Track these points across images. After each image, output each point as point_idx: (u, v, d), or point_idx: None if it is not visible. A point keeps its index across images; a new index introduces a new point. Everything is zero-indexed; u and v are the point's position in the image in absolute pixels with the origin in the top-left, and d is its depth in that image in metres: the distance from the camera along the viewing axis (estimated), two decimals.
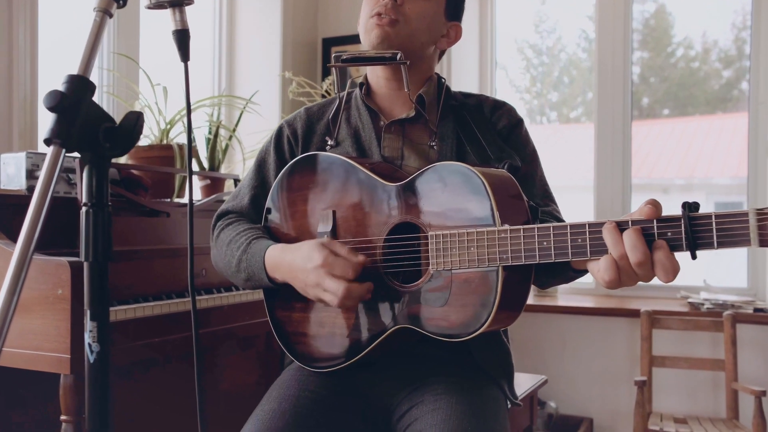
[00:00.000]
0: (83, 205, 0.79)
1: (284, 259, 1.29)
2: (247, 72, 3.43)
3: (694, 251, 0.97)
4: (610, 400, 3.26)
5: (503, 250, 1.11)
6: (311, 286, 1.23)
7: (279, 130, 1.50)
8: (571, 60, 4.00)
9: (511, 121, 1.45)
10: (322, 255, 1.21)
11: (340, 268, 1.20)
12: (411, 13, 1.38)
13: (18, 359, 1.51)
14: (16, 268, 0.68)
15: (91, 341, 0.79)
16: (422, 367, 1.37)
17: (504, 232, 1.11)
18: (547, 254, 1.07)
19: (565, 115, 4.09)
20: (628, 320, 3.21)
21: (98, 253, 0.79)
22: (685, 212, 0.97)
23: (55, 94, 0.73)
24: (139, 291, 1.73)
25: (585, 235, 1.05)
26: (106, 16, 0.80)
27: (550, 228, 1.07)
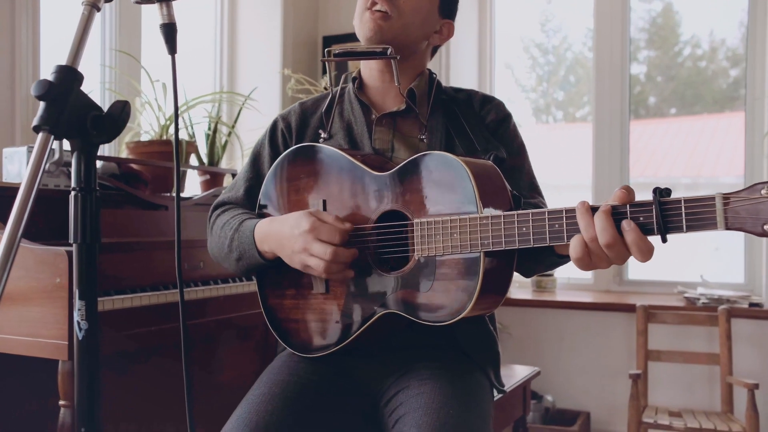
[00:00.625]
0: (72, 189, 0.83)
1: (272, 229, 1.33)
2: (248, 69, 3.47)
3: (664, 235, 1.01)
4: (607, 394, 3.29)
5: (485, 236, 1.14)
6: (297, 252, 1.27)
7: (274, 124, 1.55)
8: (577, 59, 4.01)
9: (499, 116, 1.48)
10: (309, 221, 1.26)
11: (326, 233, 1.25)
12: (405, 7, 1.41)
13: (17, 346, 1.55)
14: (4, 252, 0.72)
15: (80, 319, 0.82)
16: (410, 353, 1.41)
17: (485, 219, 1.14)
18: (526, 239, 1.12)
19: (571, 114, 4.11)
20: (624, 315, 3.23)
21: (86, 235, 0.82)
22: (656, 197, 1.01)
23: (44, 83, 0.77)
24: (137, 282, 1.77)
25: (562, 220, 1.09)
26: (94, 9, 0.84)
27: (529, 214, 1.11)
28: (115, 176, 2.10)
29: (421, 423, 1.20)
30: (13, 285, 1.55)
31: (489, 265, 1.17)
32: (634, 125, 3.69)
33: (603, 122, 3.62)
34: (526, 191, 1.44)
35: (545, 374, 3.34)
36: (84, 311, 0.82)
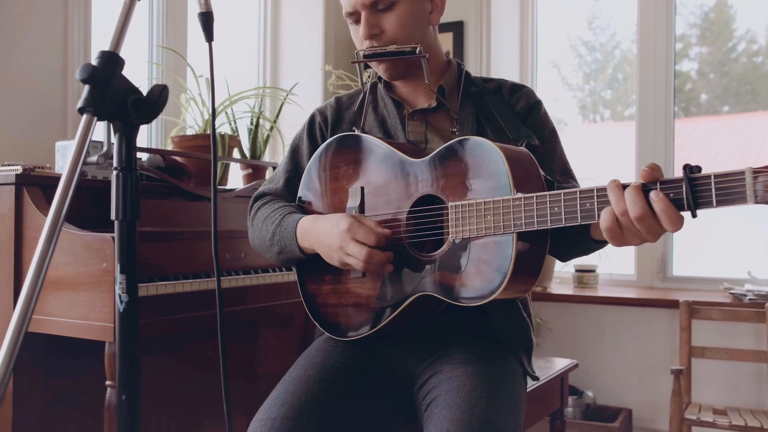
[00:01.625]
0: (114, 168, 0.87)
1: (314, 227, 1.38)
2: (290, 65, 3.53)
3: (694, 210, 1.01)
4: (650, 391, 3.24)
5: (517, 217, 1.16)
6: (335, 249, 1.31)
7: (311, 118, 1.59)
8: (625, 56, 3.96)
9: (528, 102, 1.49)
10: (348, 221, 1.30)
11: (362, 234, 1.28)
12: (393, 29, 1.42)
13: (68, 328, 1.62)
14: (48, 231, 0.76)
15: (121, 292, 0.87)
16: (443, 339, 1.43)
17: (518, 200, 1.17)
18: (557, 219, 1.13)
19: (620, 113, 4.06)
20: (667, 311, 3.18)
21: (127, 212, 0.87)
22: (686, 173, 1.02)
23: (88, 68, 0.81)
24: (180, 270, 1.83)
25: (593, 199, 1.11)
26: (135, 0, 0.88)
27: (560, 194, 1.13)
28: (160, 168, 2.17)
29: (452, 404, 1.22)
30: (62, 270, 1.62)
31: (522, 246, 1.19)
32: (685, 123, 3.62)
33: (647, 120, 3.57)
34: (560, 176, 1.45)
35: (586, 370, 3.32)
36: (125, 284, 0.87)
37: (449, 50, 3.47)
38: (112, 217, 0.88)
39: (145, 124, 0.86)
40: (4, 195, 1.73)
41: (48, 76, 2.30)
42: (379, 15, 1.41)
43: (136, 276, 0.87)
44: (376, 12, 1.41)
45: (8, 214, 1.72)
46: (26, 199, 1.71)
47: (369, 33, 1.41)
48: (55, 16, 2.32)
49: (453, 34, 3.62)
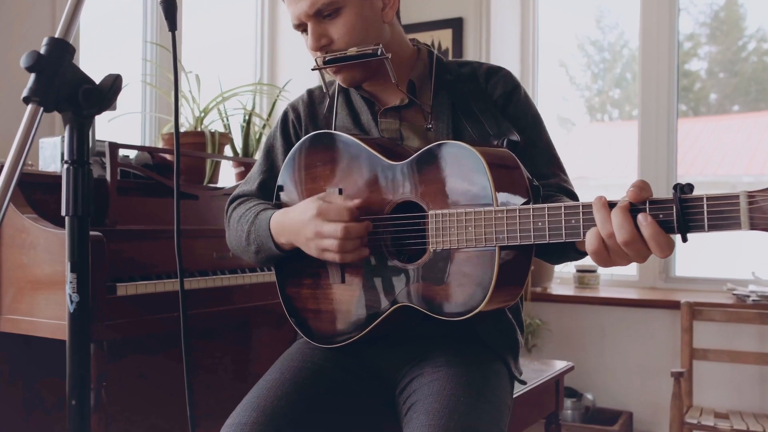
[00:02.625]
0: (64, 162, 0.83)
1: (286, 219, 1.32)
2: (287, 60, 3.48)
3: (685, 234, 0.96)
4: (651, 394, 3.18)
5: (500, 230, 1.11)
6: (311, 237, 1.26)
7: (284, 115, 1.53)
8: (634, 55, 3.90)
9: (506, 88, 1.41)
10: (316, 205, 1.25)
11: (334, 213, 1.23)
12: (343, 38, 1.33)
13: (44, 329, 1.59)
14: None
15: (71, 292, 0.83)
16: (426, 341, 1.38)
17: (501, 212, 1.11)
18: (541, 235, 1.08)
19: (628, 113, 4.00)
20: (669, 312, 3.12)
21: (78, 208, 0.83)
22: (677, 194, 0.96)
23: (33, 55, 0.77)
24: (162, 269, 1.80)
25: (579, 216, 1.05)
26: None
27: (545, 208, 1.07)
28: (148, 166, 2.13)
29: (430, 410, 1.18)
30: (39, 270, 1.59)
31: (505, 259, 1.13)
32: (693, 123, 3.56)
33: (649, 120, 3.50)
34: (546, 168, 1.38)
35: (585, 372, 3.26)
36: (75, 284, 0.83)
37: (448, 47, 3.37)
38: (62, 212, 0.83)
39: (96, 114, 0.81)
40: None
41: None
42: (326, 24, 1.33)
43: (87, 275, 0.83)
44: (321, 21, 1.33)
45: None
46: None
47: (316, 45, 1.33)
48: (42, 5, 2.28)
49: (452, 31, 3.57)
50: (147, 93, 2.82)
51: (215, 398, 2.25)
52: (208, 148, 2.37)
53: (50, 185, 1.81)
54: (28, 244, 1.63)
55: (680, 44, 3.52)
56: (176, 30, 0.94)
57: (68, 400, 0.82)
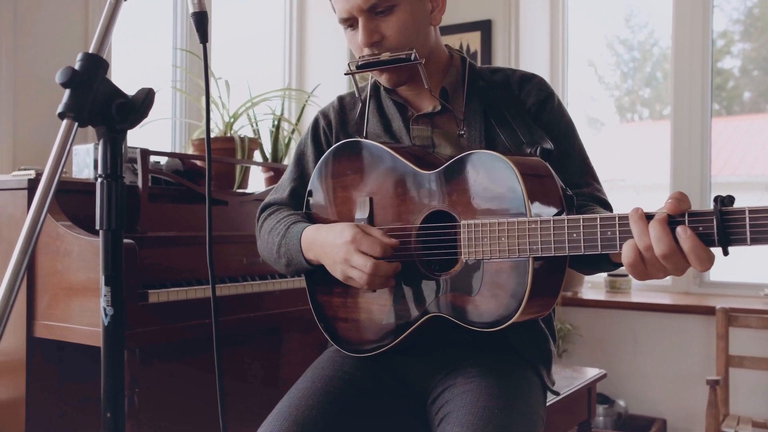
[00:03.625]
0: (98, 176, 0.84)
1: (317, 237, 1.32)
2: (316, 65, 3.49)
3: (726, 247, 0.93)
4: (685, 401, 3.12)
5: (533, 241, 1.10)
6: (339, 262, 1.25)
7: (315, 122, 1.53)
8: (665, 54, 3.84)
9: (540, 97, 1.39)
10: (352, 232, 1.24)
11: (367, 245, 1.22)
12: (394, 34, 1.32)
13: (80, 335, 1.61)
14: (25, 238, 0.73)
15: (106, 305, 0.83)
16: (458, 351, 1.37)
17: (534, 223, 1.10)
18: (576, 246, 1.06)
19: (658, 112, 3.94)
20: (704, 318, 3.06)
21: (111, 222, 0.83)
22: (717, 206, 0.93)
23: (68, 71, 0.77)
24: (194, 275, 1.81)
25: (615, 227, 1.03)
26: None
27: (580, 219, 1.06)
28: (179, 172, 2.15)
29: (464, 422, 1.16)
30: (73, 276, 1.61)
31: (538, 270, 1.12)
32: (727, 122, 3.49)
33: (682, 119, 3.44)
34: (579, 177, 1.36)
35: (617, 378, 3.21)
36: (110, 297, 0.83)
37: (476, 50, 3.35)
38: (96, 226, 0.84)
39: (129, 129, 0.81)
40: (18, 199, 1.73)
41: None
42: (378, 20, 1.31)
43: (121, 288, 0.83)
44: (374, 17, 1.31)
45: (21, 218, 1.72)
46: None
47: (368, 40, 1.31)
48: (75, 16, 2.31)
49: (480, 33, 3.55)
50: (177, 99, 2.85)
51: (245, 404, 2.26)
52: (237, 154, 2.38)
53: (83, 192, 1.83)
54: (62, 251, 1.65)
55: (713, 42, 3.45)
56: (207, 42, 0.94)
57: (103, 412, 0.83)
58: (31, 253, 0.73)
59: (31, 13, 2.20)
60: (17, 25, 2.15)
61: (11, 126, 2.13)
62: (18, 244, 0.74)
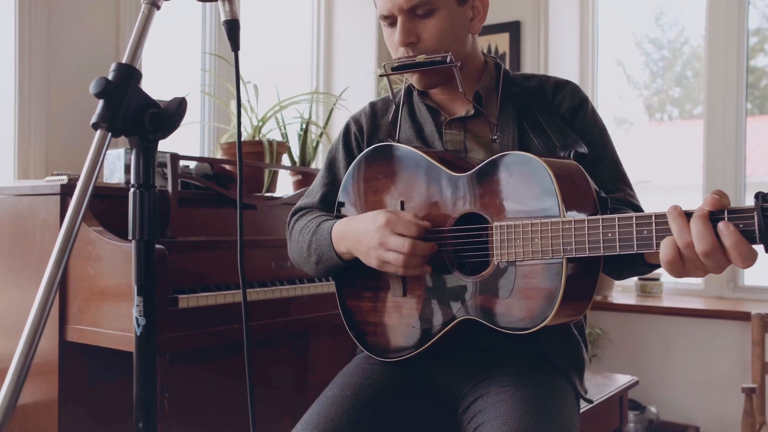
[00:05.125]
0: (131, 186, 0.84)
1: (349, 227, 1.32)
2: (343, 68, 3.49)
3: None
4: (719, 408, 3.06)
5: (567, 242, 1.08)
6: (374, 247, 1.24)
7: (346, 127, 1.53)
8: (695, 53, 3.78)
9: (574, 102, 1.38)
10: (386, 215, 1.24)
11: (402, 226, 1.22)
12: (431, 38, 1.32)
13: (110, 340, 1.62)
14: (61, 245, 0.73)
15: (138, 315, 0.83)
16: (489, 358, 1.35)
17: (568, 223, 1.08)
18: (611, 246, 1.04)
19: (688, 112, 3.88)
20: (738, 323, 3.00)
21: (144, 232, 0.83)
22: (759, 203, 0.91)
23: (102, 81, 0.77)
24: (223, 280, 1.81)
25: (651, 226, 1.01)
26: (153, 8, 0.84)
27: (615, 219, 1.04)
28: (207, 176, 2.16)
29: None
30: (104, 281, 1.62)
31: (572, 271, 1.10)
32: (760, 121, 3.41)
33: (716, 119, 3.37)
34: (611, 183, 1.35)
35: (649, 384, 3.16)
36: (142, 307, 0.83)
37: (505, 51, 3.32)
38: (129, 236, 0.84)
39: (162, 139, 0.81)
40: (51, 205, 1.75)
41: None
42: (417, 21, 1.31)
43: (154, 299, 0.83)
44: (413, 18, 1.31)
45: (54, 223, 1.74)
46: None
47: (405, 40, 1.32)
48: (106, 24, 2.34)
49: (509, 34, 3.52)
50: (205, 103, 2.86)
51: (272, 408, 2.26)
52: (266, 157, 2.38)
53: (114, 197, 1.84)
54: (93, 256, 1.66)
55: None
56: (239, 50, 0.94)
57: (135, 422, 0.83)
58: (65, 263, 0.73)
59: (64, 20, 2.22)
60: (50, 33, 2.18)
61: (44, 132, 2.16)
62: (53, 253, 0.74)
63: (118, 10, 2.36)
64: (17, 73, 2.12)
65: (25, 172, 2.11)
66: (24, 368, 0.70)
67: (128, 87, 0.79)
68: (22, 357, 0.71)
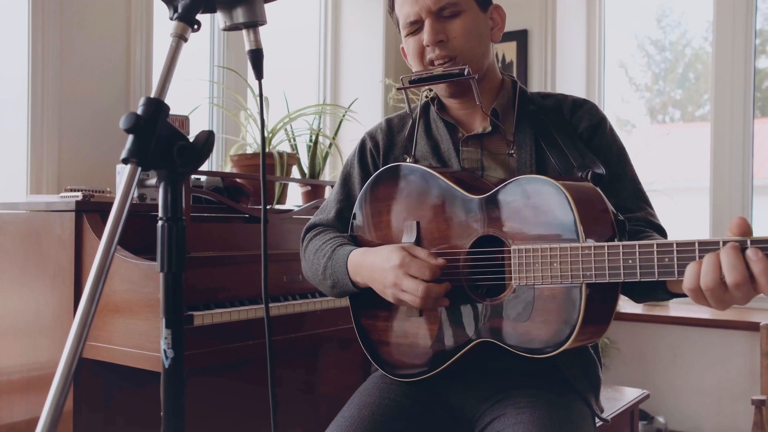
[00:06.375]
0: (159, 219, 0.84)
1: (365, 261, 1.32)
2: (351, 79, 3.50)
3: None
4: (726, 419, 3.06)
5: (587, 267, 1.08)
6: (389, 286, 1.25)
7: (362, 143, 1.53)
8: (697, 54, 3.78)
9: (592, 122, 1.39)
10: (400, 255, 1.24)
11: (416, 268, 1.22)
12: (459, 39, 1.35)
13: (124, 357, 1.62)
14: (95, 278, 0.73)
15: (166, 347, 0.84)
16: (506, 379, 1.35)
17: (588, 249, 1.08)
18: (632, 273, 1.04)
19: (690, 113, 3.88)
20: (747, 334, 3.00)
21: (172, 264, 0.83)
22: None
23: (132, 117, 0.78)
24: (235, 294, 1.81)
25: (672, 254, 1.01)
26: (181, 41, 0.85)
27: (635, 246, 1.04)
28: (219, 189, 2.16)
29: None
30: (119, 297, 1.62)
31: (591, 296, 1.10)
32: (762, 123, 3.41)
33: (723, 121, 3.37)
34: (631, 201, 1.35)
35: (657, 394, 3.16)
36: (170, 340, 0.83)
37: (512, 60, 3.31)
38: (157, 269, 0.84)
39: (191, 172, 0.82)
40: (66, 221, 1.75)
41: (110, 98, 2.33)
42: (444, 23, 1.35)
43: (182, 331, 0.84)
44: (440, 19, 1.35)
45: (69, 240, 1.74)
46: (86, 225, 1.72)
47: (434, 38, 1.34)
48: (118, 39, 2.35)
49: (516, 43, 3.52)
50: (214, 114, 2.87)
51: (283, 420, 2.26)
52: (276, 169, 2.39)
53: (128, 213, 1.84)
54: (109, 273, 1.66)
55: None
56: (263, 78, 0.94)
57: None
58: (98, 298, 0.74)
59: (76, 35, 2.23)
60: (63, 48, 2.19)
61: (56, 146, 2.16)
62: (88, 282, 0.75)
63: (129, 19, 2.36)
64: (30, 86, 2.12)
65: (38, 186, 2.11)
66: (68, 378, 0.72)
67: (157, 121, 0.80)
68: (66, 368, 0.72)
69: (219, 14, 0.95)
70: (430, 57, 1.36)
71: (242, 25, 0.95)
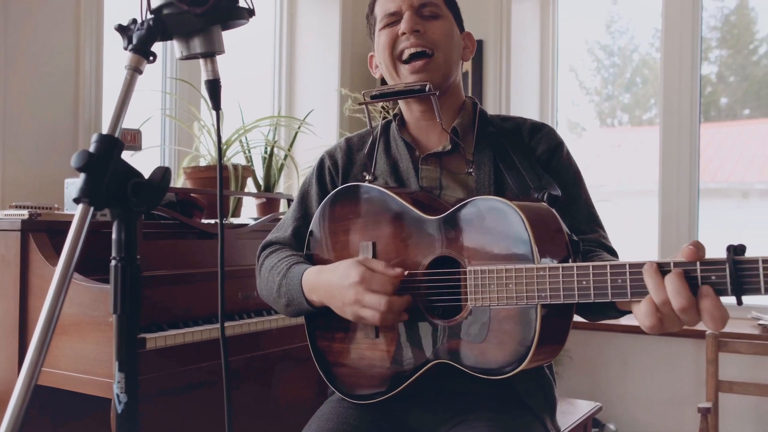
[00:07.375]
0: (112, 258, 0.81)
1: (321, 280, 1.30)
2: (306, 90, 3.47)
3: (739, 296, 0.93)
4: (675, 425, 3.14)
5: (542, 288, 1.09)
6: (349, 303, 1.23)
7: (321, 162, 1.52)
8: (644, 60, 3.87)
9: (550, 145, 1.41)
10: (359, 271, 1.22)
11: (378, 283, 1.21)
12: (436, 33, 1.37)
13: (72, 382, 1.57)
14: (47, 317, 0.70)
15: (119, 392, 0.80)
16: (464, 401, 1.36)
17: (542, 270, 1.09)
18: (586, 294, 1.05)
19: (638, 117, 3.97)
20: (693, 342, 3.08)
21: (126, 306, 0.80)
22: (730, 255, 0.94)
23: (84, 155, 0.75)
24: (189, 313, 1.77)
25: (625, 276, 1.03)
26: (136, 73, 0.82)
27: (589, 267, 1.05)
28: (172, 204, 2.11)
29: None
30: (68, 320, 1.57)
31: (546, 316, 1.11)
32: (704, 128, 3.50)
33: (671, 125, 3.45)
34: (585, 224, 1.38)
35: (608, 401, 3.22)
36: (124, 384, 0.80)
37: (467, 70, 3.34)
38: (110, 310, 0.81)
39: (146, 212, 0.79)
40: (11, 241, 1.68)
41: (58, 109, 2.25)
42: (424, 20, 1.37)
43: (136, 374, 0.81)
44: (420, 16, 1.37)
45: (14, 261, 1.68)
46: (32, 246, 1.66)
47: (412, 27, 1.35)
48: (66, 48, 2.27)
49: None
50: (166, 125, 2.81)
51: None
52: (231, 182, 2.35)
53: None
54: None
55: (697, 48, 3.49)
56: (220, 109, 0.92)
57: None
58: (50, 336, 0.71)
59: (21, 43, 2.15)
60: (7, 56, 2.10)
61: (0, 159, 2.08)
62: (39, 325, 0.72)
63: (78, 27, 2.29)
64: None
65: None
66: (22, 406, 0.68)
67: (110, 159, 0.77)
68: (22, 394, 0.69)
69: (175, 43, 0.92)
70: (403, 45, 1.36)
71: (200, 55, 0.92)
